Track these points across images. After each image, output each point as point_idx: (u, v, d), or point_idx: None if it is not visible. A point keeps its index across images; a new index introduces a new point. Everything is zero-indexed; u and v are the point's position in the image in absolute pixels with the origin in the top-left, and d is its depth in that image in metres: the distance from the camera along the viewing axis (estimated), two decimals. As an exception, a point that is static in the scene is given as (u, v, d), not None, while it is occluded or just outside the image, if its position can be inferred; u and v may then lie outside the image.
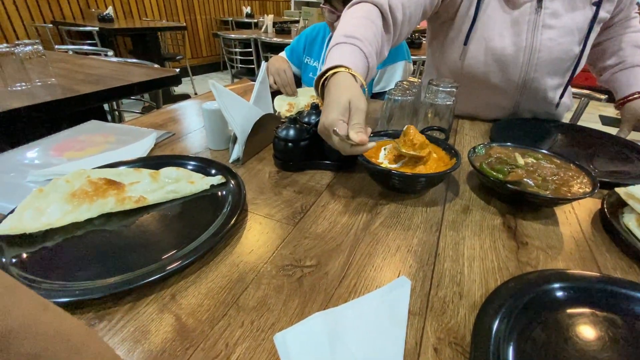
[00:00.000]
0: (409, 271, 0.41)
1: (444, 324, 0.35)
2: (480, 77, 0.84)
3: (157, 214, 0.49)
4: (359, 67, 0.57)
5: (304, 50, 1.22)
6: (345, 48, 0.59)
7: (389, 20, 0.68)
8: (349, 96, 0.50)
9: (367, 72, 0.61)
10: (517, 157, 0.58)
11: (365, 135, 0.48)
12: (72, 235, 0.45)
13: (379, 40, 0.64)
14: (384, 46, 0.68)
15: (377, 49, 0.63)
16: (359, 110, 0.49)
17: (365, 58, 0.59)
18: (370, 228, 0.48)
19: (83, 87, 1.11)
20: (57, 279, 0.37)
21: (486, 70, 0.83)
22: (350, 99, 0.49)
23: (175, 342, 0.32)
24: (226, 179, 0.56)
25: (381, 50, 0.66)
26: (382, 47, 0.66)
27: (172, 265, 0.38)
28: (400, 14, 0.69)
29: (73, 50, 1.83)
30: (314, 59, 1.20)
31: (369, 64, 0.60)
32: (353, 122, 0.49)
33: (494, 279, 0.41)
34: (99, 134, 0.75)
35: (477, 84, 0.86)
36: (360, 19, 0.64)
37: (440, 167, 0.55)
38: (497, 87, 0.85)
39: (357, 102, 0.50)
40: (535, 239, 0.48)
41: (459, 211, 0.53)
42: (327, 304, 0.36)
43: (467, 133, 0.84)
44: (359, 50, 0.59)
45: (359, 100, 0.50)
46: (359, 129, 0.48)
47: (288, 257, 0.43)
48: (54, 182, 0.50)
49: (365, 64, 0.59)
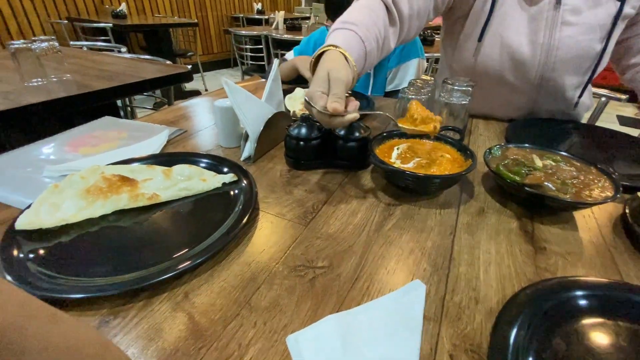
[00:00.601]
0: (423, 275, 0.40)
1: (459, 330, 0.34)
2: (495, 75, 0.82)
3: (170, 211, 0.50)
4: (352, 48, 0.57)
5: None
6: (340, 32, 0.59)
7: (394, 13, 0.67)
8: (328, 68, 0.50)
9: (365, 56, 0.60)
10: (535, 159, 0.57)
11: (339, 105, 0.47)
12: (86, 231, 0.45)
13: (380, 29, 0.64)
14: (388, 37, 0.67)
15: (376, 35, 0.62)
16: (338, 81, 0.49)
17: (360, 41, 0.59)
18: (383, 229, 0.48)
19: (97, 83, 1.13)
20: (72, 275, 0.37)
21: (501, 69, 0.81)
22: (329, 71, 0.49)
23: (188, 341, 0.32)
24: (238, 177, 0.56)
25: (385, 40, 0.66)
26: (385, 37, 0.66)
27: (186, 264, 0.38)
28: (407, 8, 0.68)
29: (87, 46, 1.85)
30: None
31: (365, 47, 0.59)
32: (331, 93, 0.48)
33: (511, 285, 0.40)
34: (112, 130, 0.76)
35: (491, 83, 0.84)
36: (360, 8, 0.64)
37: (455, 168, 0.54)
38: (512, 85, 0.83)
39: (335, 73, 0.49)
40: (554, 244, 0.46)
41: (474, 214, 0.52)
42: (339, 306, 0.36)
43: (481, 133, 0.83)
44: (353, 34, 0.59)
45: (339, 71, 0.50)
46: (334, 99, 0.47)
47: (300, 257, 0.42)
48: (69, 178, 0.51)
49: (360, 47, 0.59)
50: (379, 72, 1.17)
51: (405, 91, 0.69)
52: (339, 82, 0.49)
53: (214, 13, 4.74)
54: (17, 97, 0.98)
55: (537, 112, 0.89)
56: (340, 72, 0.50)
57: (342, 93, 0.48)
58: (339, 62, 0.52)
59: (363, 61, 0.60)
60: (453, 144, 0.59)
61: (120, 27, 2.90)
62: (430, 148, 0.60)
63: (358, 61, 0.57)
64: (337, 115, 0.47)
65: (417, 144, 0.61)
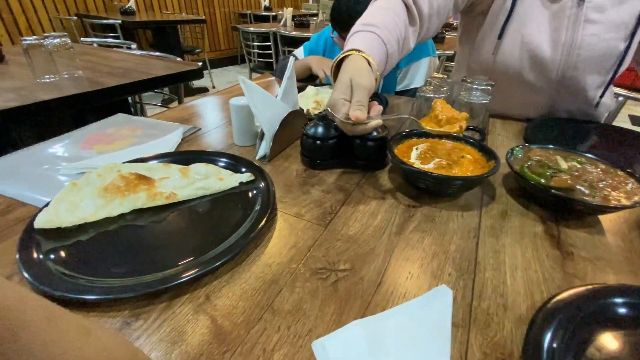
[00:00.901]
0: (448, 280, 0.39)
1: (489, 338, 0.33)
2: (514, 73, 0.80)
3: (187, 210, 0.49)
4: (374, 51, 0.56)
5: (324, 53, 1.20)
6: (362, 35, 0.58)
7: (414, 12, 0.65)
8: (350, 74, 0.49)
9: (387, 58, 0.59)
10: (560, 160, 0.55)
11: (362, 113, 0.46)
12: (104, 229, 0.45)
13: (401, 30, 0.62)
14: (408, 37, 0.66)
15: (397, 37, 0.61)
16: (360, 87, 0.48)
17: (382, 43, 0.58)
18: (405, 232, 0.47)
19: (109, 80, 1.13)
20: (92, 275, 0.37)
21: (520, 67, 0.79)
22: (352, 77, 0.49)
23: (212, 345, 0.31)
24: (255, 176, 0.55)
25: (405, 41, 0.65)
26: (405, 37, 0.64)
27: (208, 265, 0.37)
28: (427, 6, 0.67)
29: (97, 43, 1.86)
30: None
31: (387, 49, 0.58)
32: (353, 100, 0.48)
33: (540, 291, 0.38)
34: (126, 128, 0.76)
35: (510, 81, 0.82)
36: (380, 9, 0.63)
37: (477, 170, 0.53)
38: (531, 84, 0.81)
39: (358, 79, 0.49)
40: (581, 249, 0.45)
41: (496, 216, 0.50)
42: (364, 311, 0.35)
43: (499, 133, 0.81)
44: (375, 37, 0.58)
45: (361, 77, 0.49)
46: (357, 107, 0.47)
47: (321, 259, 0.42)
48: (87, 176, 0.51)
49: (382, 50, 0.58)
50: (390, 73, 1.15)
51: (423, 90, 0.68)
52: (362, 89, 0.48)
53: (221, 10, 4.73)
54: (30, 93, 0.98)
55: (556, 112, 0.87)
56: (363, 79, 0.49)
57: (365, 100, 0.48)
58: (361, 68, 0.51)
59: (384, 64, 0.59)
60: (474, 144, 0.58)
61: (129, 23, 2.91)
62: (451, 148, 0.58)
63: (380, 64, 0.57)
64: (360, 123, 0.46)
65: (437, 144, 0.60)
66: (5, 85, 1.05)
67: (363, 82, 0.48)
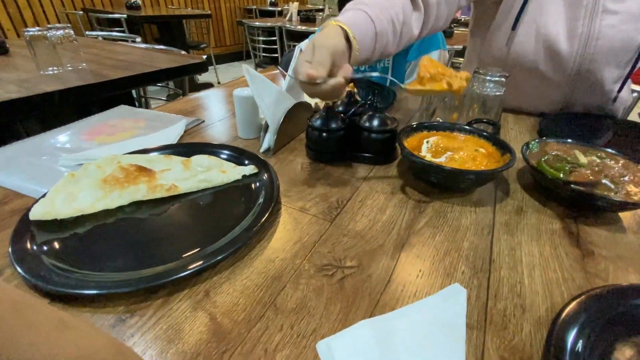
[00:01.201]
0: (461, 278, 0.37)
1: (507, 341, 0.31)
2: (528, 66, 0.77)
3: (188, 203, 0.47)
4: (356, 24, 0.53)
5: None
6: (349, 12, 0.56)
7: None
8: (315, 39, 0.47)
9: (375, 36, 0.56)
10: (578, 155, 0.52)
11: (315, 71, 0.43)
12: (102, 222, 0.43)
13: (397, 12, 0.60)
14: (410, 23, 0.63)
15: (391, 17, 0.59)
16: (321, 48, 0.46)
17: (369, 20, 0.55)
18: (415, 228, 0.44)
19: (113, 73, 1.12)
20: (88, 269, 0.35)
21: (535, 59, 0.76)
22: (315, 40, 0.47)
23: (210, 344, 0.29)
24: (258, 169, 0.53)
25: (404, 25, 0.62)
26: (405, 21, 0.62)
27: (208, 259, 0.36)
28: None
29: (102, 36, 1.85)
30: None
31: (375, 27, 0.56)
32: (313, 60, 0.45)
33: (560, 292, 0.36)
34: (128, 119, 0.74)
35: (523, 74, 0.79)
36: None
37: (490, 164, 0.50)
38: (546, 77, 0.78)
39: (321, 41, 0.47)
40: (602, 248, 0.42)
41: (511, 213, 0.48)
42: (372, 310, 0.33)
43: (512, 128, 0.78)
44: (362, 12, 0.56)
45: (325, 39, 0.47)
46: (312, 66, 0.44)
47: (327, 255, 0.40)
48: (85, 167, 0.49)
49: (368, 26, 0.55)
50: (398, 65, 1.12)
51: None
52: (323, 49, 0.46)
53: (227, 5, 4.70)
54: (33, 85, 0.97)
55: (571, 106, 0.83)
56: (327, 40, 0.47)
57: (325, 59, 0.45)
58: (329, 32, 0.49)
59: (373, 42, 0.56)
60: (488, 137, 0.55)
61: (134, 18, 2.90)
62: (463, 142, 0.56)
63: (364, 40, 0.54)
64: (320, 83, 0.44)
65: (449, 137, 0.57)
66: (9, 77, 1.05)
67: (325, 43, 0.46)
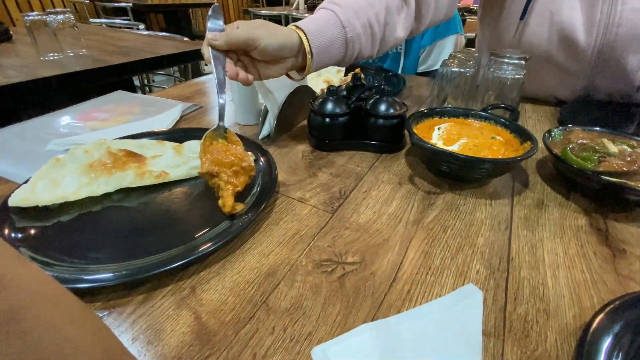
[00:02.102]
0: (476, 278, 0.33)
1: (529, 352, 0.27)
2: (542, 56, 0.71)
3: (180, 191, 0.44)
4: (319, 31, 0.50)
5: None
6: (320, 12, 0.53)
7: None
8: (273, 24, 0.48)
9: (346, 43, 0.52)
10: (606, 143, 0.47)
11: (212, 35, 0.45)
12: (88, 210, 0.40)
13: (379, 14, 0.55)
14: (395, 23, 0.58)
15: (368, 19, 0.54)
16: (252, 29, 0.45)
17: (340, 25, 0.51)
18: (423, 221, 0.40)
19: (113, 58, 1.09)
20: (67, 260, 0.32)
21: (549, 49, 0.70)
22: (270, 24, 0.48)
23: (192, 348, 0.26)
24: (256, 156, 0.49)
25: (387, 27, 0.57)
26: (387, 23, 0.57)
27: (196, 252, 0.32)
28: None
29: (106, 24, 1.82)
30: None
31: (346, 34, 0.51)
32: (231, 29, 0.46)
33: (589, 296, 0.32)
34: (124, 104, 0.71)
35: (538, 64, 0.73)
36: None
37: (509, 152, 0.46)
38: (563, 66, 0.72)
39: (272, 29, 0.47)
40: (635, 247, 0.38)
41: (531, 206, 0.44)
42: (375, 312, 0.30)
43: (530, 116, 0.73)
44: (333, 15, 0.51)
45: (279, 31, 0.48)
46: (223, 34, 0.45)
47: (326, 250, 0.36)
48: (72, 152, 0.46)
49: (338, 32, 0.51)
50: (411, 50, 1.06)
51: (446, 64, 0.60)
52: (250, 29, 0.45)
53: (234, -6, 4.64)
54: (32, 70, 0.95)
55: (593, 93, 0.77)
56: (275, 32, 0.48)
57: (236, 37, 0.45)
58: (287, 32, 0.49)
59: (342, 48, 0.52)
60: (506, 124, 0.51)
61: (140, 6, 2.87)
62: (479, 129, 0.51)
63: (330, 47, 0.51)
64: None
65: (463, 124, 0.53)
66: (10, 63, 1.03)
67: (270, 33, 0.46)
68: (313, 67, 0.51)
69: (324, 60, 0.52)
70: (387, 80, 0.86)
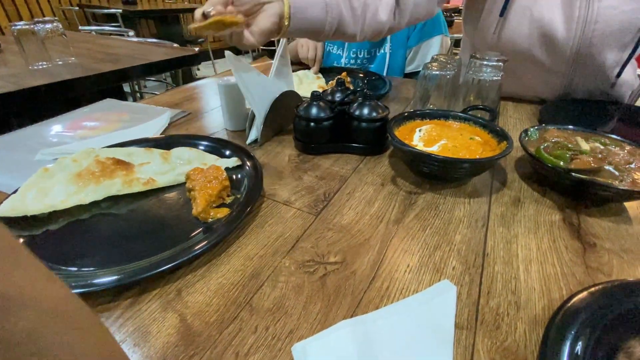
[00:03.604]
0: (452, 274, 0.35)
1: (499, 342, 0.28)
2: (523, 53, 0.73)
3: (167, 197, 0.45)
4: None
5: None
6: None
7: None
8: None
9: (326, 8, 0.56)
10: (580, 141, 0.49)
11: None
12: (77, 218, 0.41)
13: None
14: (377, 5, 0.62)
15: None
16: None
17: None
18: (404, 221, 0.42)
19: (102, 66, 1.09)
20: (55, 268, 0.33)
21: (530, 46, 0.72)
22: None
23: (177, 348, 0.27)
24: (242, 161, 0.51)
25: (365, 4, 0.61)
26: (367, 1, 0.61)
27: (181, 256, 0.34)
28: None
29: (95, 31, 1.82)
30: (338, 47, 1.12)
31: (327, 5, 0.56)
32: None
33: (558, 288, 0.33)
34: (113, 112, 0.72)
35: (519, 61, 0.75)
36: None
37: (486, 152, 0.47)
38: (543, 64, 0.74)
39: None
40: (605, 240, 0.40)
41: (508, 204, 0.45)
42: (354, 309, 0.31)
43: (511, 115, 0.75)
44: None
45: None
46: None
47: (309, 251, 0.37)
48: (61, 161, 0.47)
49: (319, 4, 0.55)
50: (397, 51, 1.07)
51: (428, 67, 0.62)
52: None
53: (224, -2, 4.64)
54: (21, 79, 0.95)
55: (573, 92, 0.80)
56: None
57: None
58: None
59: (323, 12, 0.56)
60: (484, 125, 0.52)
61: (130, 12, 2.86)
62: (458, 130, 0.53)
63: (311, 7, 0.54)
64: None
65: (443, 126, 0.54)
66: (-2, 73, 1.03)
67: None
68: (292, 26, 0.53)
69: (302, 23, 0.55)
70: (373, 83, 0.88)
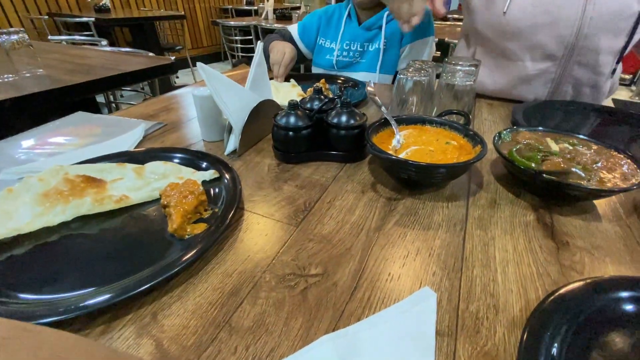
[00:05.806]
0: (432, 280, 0.35)
1: (479, 347, 0.29)
2: (526, 34, 0.75)
3: (142, 215, 0.44)
4: None
5: (317, 31, 1.14)
6: None
7: None
8: None
9: None
10: (550, 142, 0.51)
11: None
12: (44, 241, 0.39)
13: None
14: None
15: None
16: None
17: None
18: (384, 228, 0.42)
19: (73, 77, 1.05)
20: (18, 296, 0.31)
21: (533, 26, 0.73)
22: None
23: (153, 376, 0.26)
24: (220, 173, 0.50)
25: None
26: None
27: (155, 278, 0.32)
28: None
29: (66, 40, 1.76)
30: (330, 41, 1.11)
31: None
32: None
33: (534, 288, 0.34)
34: (84, 126, 0.69)
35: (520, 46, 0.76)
36: None
37: (462, 157, 0.48)
38: (544, 47, 0.75)
39: None
40: (577, 238, 0.41)
41: (485, 206, 0.46)
42: (336, 322, 0.30)
43: (486, 118, 0.77)
44: None
45: None
46: None
47: (290, 264, 0.37)
48: (26, 181, 0.45)
49: None
50: (391, 49, 1.05)
51: (404, 72, 0.63)
52: None
53: (202, 5, 4.59)
54: (-16, 94, 0.90)
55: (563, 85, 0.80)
56: None
57: None
58: None
59: None
60: (459, 129, 0.53)
61: (103, 21, 2.79)
62: (434, 135, 0.54)
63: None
64: None
65: (420, 131, 0.55)
66: (-41, 87, 0.97)
67: None
68: None
69: None
70: (350, 90, 0.88)
